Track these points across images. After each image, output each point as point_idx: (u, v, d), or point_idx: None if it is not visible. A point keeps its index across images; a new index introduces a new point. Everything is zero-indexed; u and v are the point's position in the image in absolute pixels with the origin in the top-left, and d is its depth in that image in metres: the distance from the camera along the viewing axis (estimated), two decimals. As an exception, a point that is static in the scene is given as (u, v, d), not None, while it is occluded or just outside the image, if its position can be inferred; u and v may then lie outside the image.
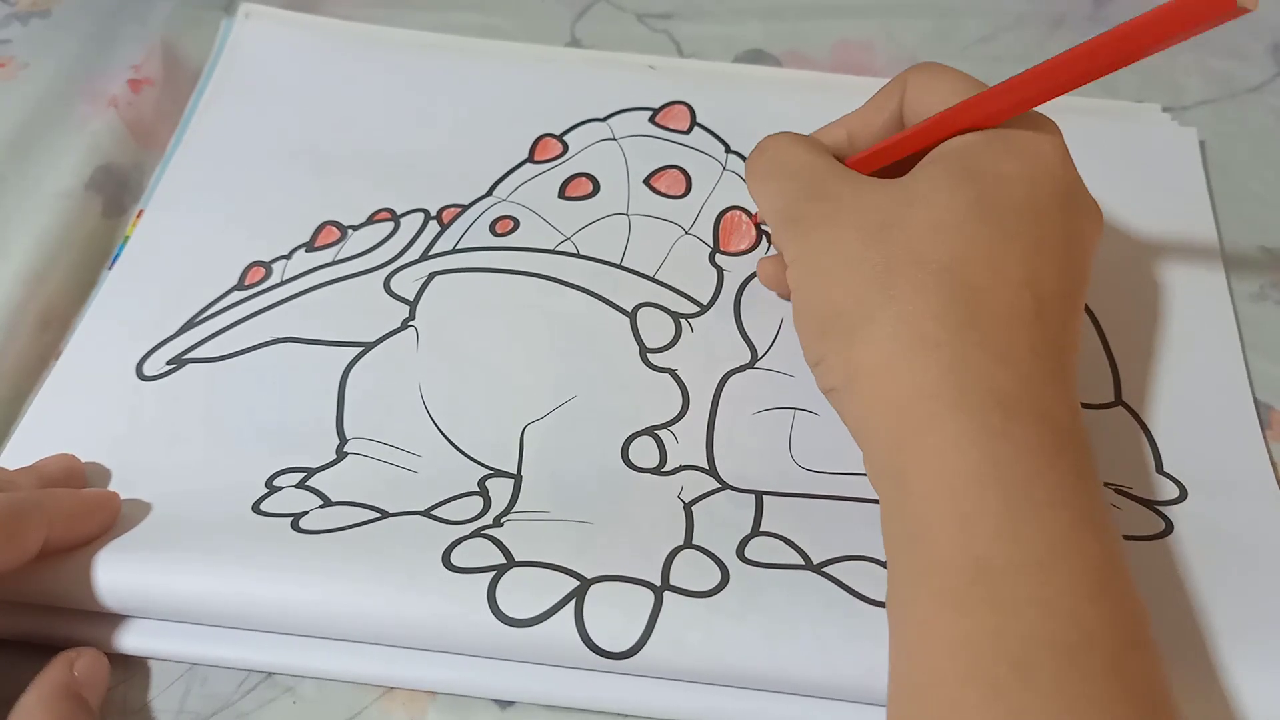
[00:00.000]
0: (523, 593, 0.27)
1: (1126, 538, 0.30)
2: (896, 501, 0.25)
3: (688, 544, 0.29)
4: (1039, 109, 0.27)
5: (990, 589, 0.22)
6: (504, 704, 0.28)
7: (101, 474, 0.31)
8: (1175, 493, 0.31)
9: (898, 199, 0.27)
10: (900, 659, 0.24)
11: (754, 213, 0.37)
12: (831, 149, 0.31)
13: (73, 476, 0.31)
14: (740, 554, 0.29)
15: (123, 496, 0.30)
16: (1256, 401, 0.34)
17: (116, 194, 0.39)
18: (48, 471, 0.30)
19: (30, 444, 0.32)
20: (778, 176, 0.30)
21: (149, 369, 0.33)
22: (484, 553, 0.28)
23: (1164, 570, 0.29)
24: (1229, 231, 0.38)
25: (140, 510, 0.30)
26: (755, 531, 0.30)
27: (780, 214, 0.29)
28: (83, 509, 0.29)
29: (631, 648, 0.27)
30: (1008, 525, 0.23)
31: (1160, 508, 0.31)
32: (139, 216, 0.38)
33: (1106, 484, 0.31)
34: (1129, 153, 0.40)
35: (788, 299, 0.34)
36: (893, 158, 0.30)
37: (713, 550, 0.29)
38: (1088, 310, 0.35)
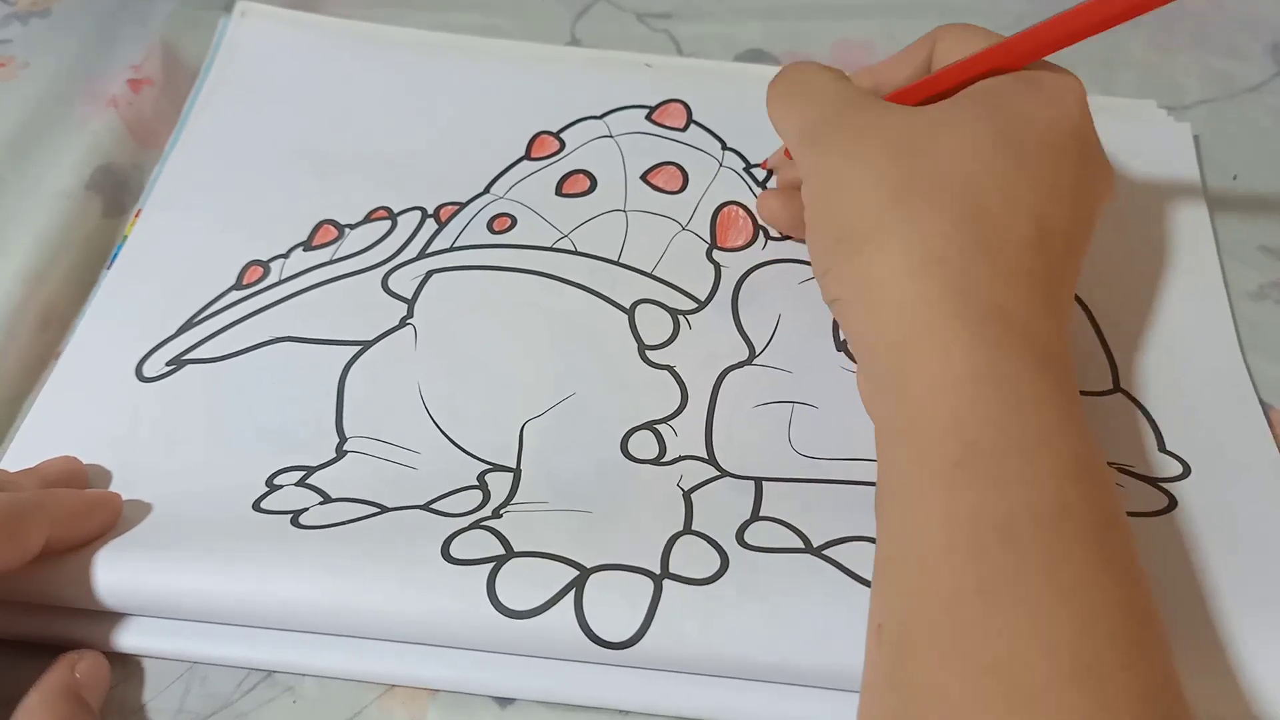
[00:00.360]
0: (522, 583, 0.27)
1: (1130, 514, 0.30)
2: (892, 401, 0.26)
3: (687, 530, 0.29)
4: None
5: (977, 468, 0.23)
6: (504, 702, 0.28)
7: (102, 475, 0.31)
8: (1178, 470, 0.32)
9: (924, 125, 0.28)
10: (886, 543, 0.25)
11: (751, 209, 0.37)
12: (883, 72, 0.33)
13: (74, 478, 0.31)
14: (740, 539, 0.29)
15: (123, 497, 0.30)
16: (1260, 401, 0.34)
17: (116, 194, 0.39)
18: (49, 473, 0.30)
19: (31, 446, 0.32)
20: (802, 98, 0.31)
21: (148, 370, 0.33)
22: (483, 544, 0.28)
23: (1168, 545, 0.30)
24: (1229, 231, 0.38)
25: (141, 510, 0.30)
26: (755, 516, 0.30)
27: (803, 132, 0.30)
28: (84, 509, 0.29)
29: (631, 638, 0.27)
30: (997, 414, 0.24)
31: (1164, 484, 0.31)
32: (137, 216, 0.38)
33: (1110, 463, 0.31)
34: (1124, 146, 0.40)
35: (784, 235, 0.36)
36: (922, 95, 0.31)
37: (712, 535, 0.29)
38: (1082, 303, 0.36)
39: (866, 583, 0.28)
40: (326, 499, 0.30)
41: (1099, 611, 0.22)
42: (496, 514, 0.30)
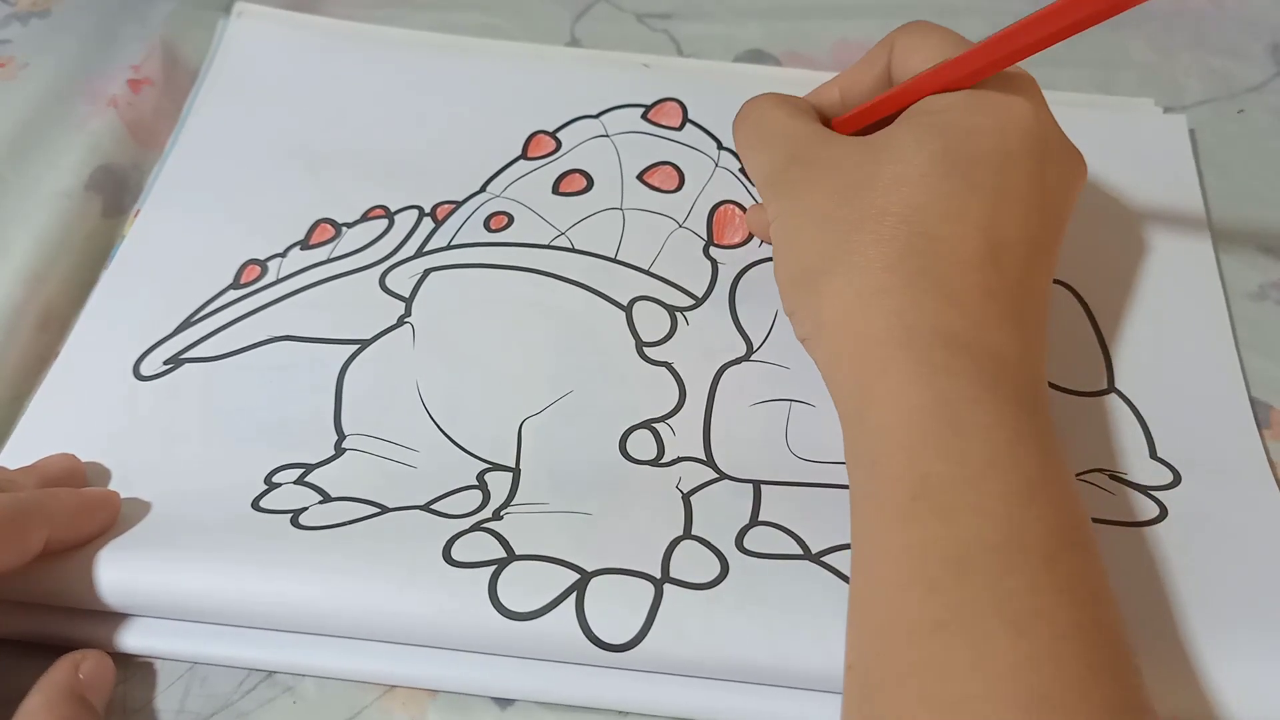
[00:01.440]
0: (523, 586, 0.27)
1: (1121, 524, 0.30)
2: (857, 438, 0.26)
3: (687, 534, 0.29)
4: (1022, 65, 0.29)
5: (931, 500, 0.24)
6: (504, 703, 0.28)
7: (101, 473, 0.31)
8: (1169, 478, 0.31)
9: (868, 157, 0.28)
10: (855, 579, 0.25)
11: (748, 208, 0.37)
12: (826, 107, 0.34)
13: (73, 476, 0.31)
14: (739, 544, 0.29)
15: (122, 496, 0.30)
16: (1256, 400, 0.34)
17: (116, 194, 0.39)
18: (49, 471, 0.30)
19: (29, 444, 0.32)
20: (762, 144, 0.32)
21: (146, 369, 0.33)
22: (484, 546, 0.28)
23: (1158, 556, 0.30)
24: (1229, 231, 0.38)
25: (140, 509, 0.30)
26: (754, 521, 0.30)
27: (765, 179, 0.31)
28: (84, 508, 0.29)
29: (632, 639, 0.27)
30: (949, 445, 0.24)
31: (1154, 493, 0.31)
32: (135, 216, 0.38)
33: (1100, 470, 0.31)
34: (1120, 142, 0.40)
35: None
36: (874, 117, 0.31)
37: (712, 541, 0.29)
38: (1078, 297, 0.36)
39: None
40: (326, 498, 0.30)
41: (1051, 639, 0.22)
42: (497, 515, 0.30)
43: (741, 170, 0.39)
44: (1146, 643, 0.27)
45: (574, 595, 0.27)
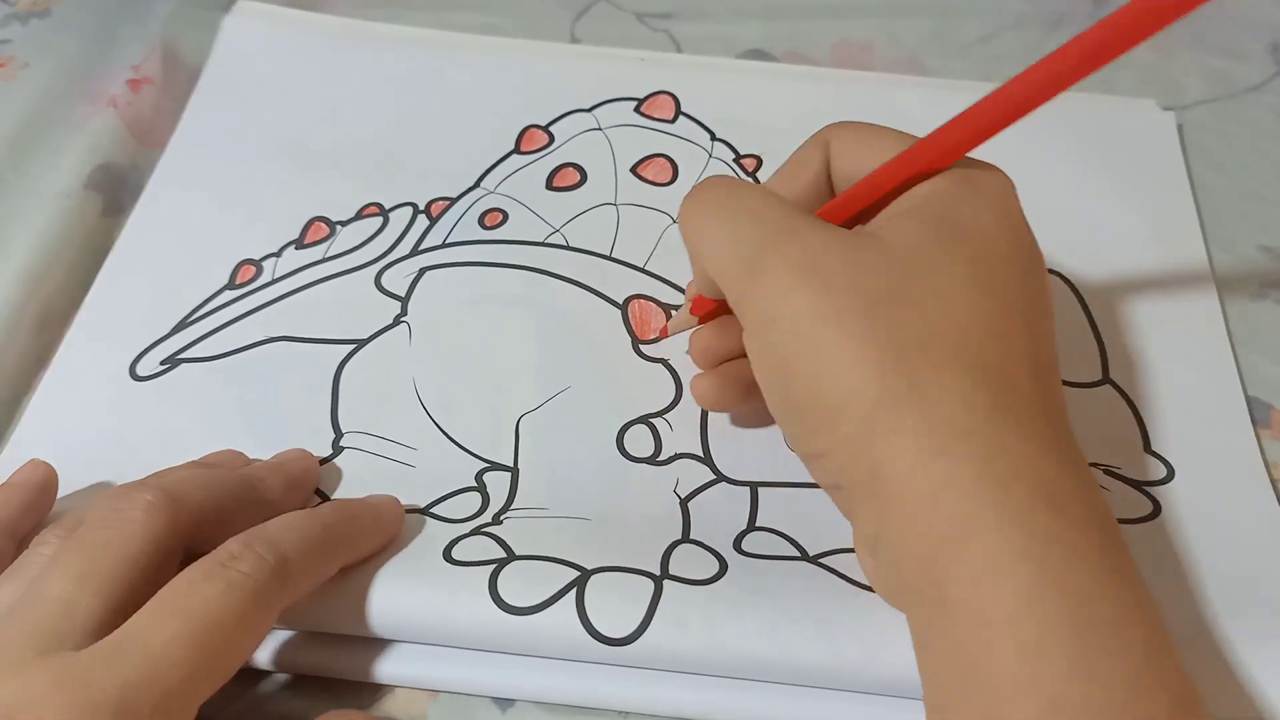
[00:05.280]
0: (524, 581, 0.27)
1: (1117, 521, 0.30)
2: (935, 622, 0.22)
3: (685, 539, 0.29)
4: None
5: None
6: (505, 704, 0.28)
7: (100, 474, 0.31)
8: (1163, 472, 0.31)
9: (892, 263, 0.23)
10: None
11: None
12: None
13: (309, 476, 0.30)
14: (738, 547, 0.29)
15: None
16: (1255, 400, 0.34)
17: (116, 193, 0.38)
18: (292, 471, 0.30)
19: (26, 446, 0.32)
20: (730, 216, 0.25)
21: (142, 369, 0.33)
22: (485, 548, 0.28)
23: (1151, 552, 0.30)
24: (1228, 231, 0.38)
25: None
26: (751, 526, 0.30)
27: (738, 263, 0.24)
28: (378, 529, 0.28)
29: (632, 633, 0.27)
30: (1081, 659, 0.20)
31: (1148, 489, 0.31)
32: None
33: (1094, 464, 0.31)
34: (1110, 137, 0.40)
35: (735, 405, 0.31)
36: (850, 211, 0.26)
37: (710, 544, 0.29)
38: (1071, 286, 0.36)
39: (864, 586, 0.28)
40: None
41: None
42: (497, 520, 0.30)
43: (735, 160, 0.39)
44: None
45: (574, 590, 0.27)
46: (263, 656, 0.28)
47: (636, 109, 0.40)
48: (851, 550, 0.28)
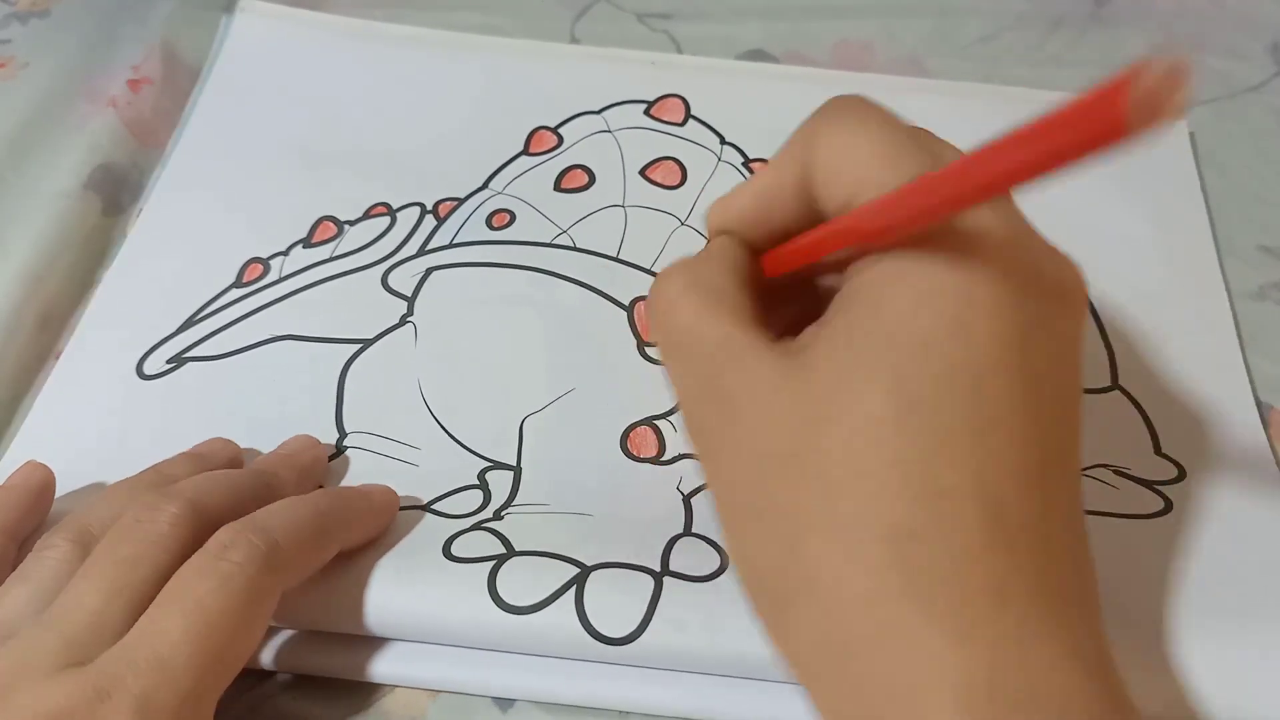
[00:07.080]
0: (523, 580, 0.27)
1: (1124, 516, 0.30)
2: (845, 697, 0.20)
3: (686, 532, 0.29)
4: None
5: None
6: (505, 704, 0.28)
7: (101, 473, 0.31)
8: (1174, 473, 0.31)
9: (803, 405, 0.21)
10: None
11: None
12: (748, 225, 0.26)
13: (318, 465, 0.30)
14: None
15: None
16: (1258, 401, 0.34)
17: (116, 193, 0.38)
18: (302, 462, 0.30)
19: (32, 444, 0.32)
20: (678, 356, 0.24)
21: (149, 368, 0.33)
22: (484, 544, 0.28)
23: (1163, 548, 0.30)
24: (1229, 231, 0.38)
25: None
26: None
27: (685, 415, 0.24)
28: (373, 516, 0.28)
29: (632, 633, 0.27)
30: None
31: (1159, 487, 0.31)
32: (138, 215, 0.38)
33: (1104, 465, 0.31)
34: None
35: None
36: (800, 263, 0.24)
37: (712, 538, 0.29)
38: None
39: None
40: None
41: None
42: (497, 515, 0.30)
43: (744, 164, 0.39)
44: (1149, 637, 0.27)
45: (573, 589, 0.27)
46: (263, 656, 0.28)
47: (646, 111, 0.40)
48: None
